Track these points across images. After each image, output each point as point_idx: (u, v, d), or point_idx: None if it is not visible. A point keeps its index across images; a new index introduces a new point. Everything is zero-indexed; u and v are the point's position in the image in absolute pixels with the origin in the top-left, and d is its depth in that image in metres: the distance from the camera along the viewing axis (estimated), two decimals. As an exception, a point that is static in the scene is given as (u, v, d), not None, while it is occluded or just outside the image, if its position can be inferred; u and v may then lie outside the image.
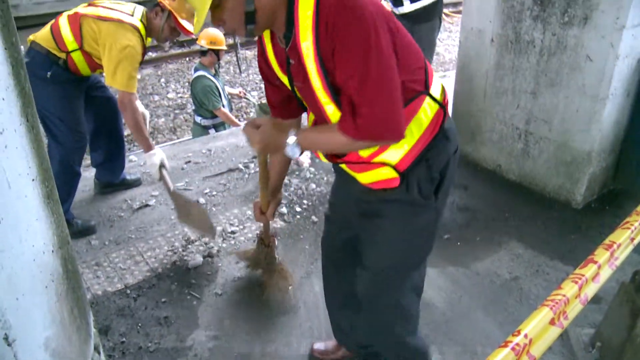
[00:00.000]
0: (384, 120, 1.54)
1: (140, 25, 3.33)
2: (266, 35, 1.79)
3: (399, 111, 1.56)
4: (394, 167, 1.79)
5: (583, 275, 1.68)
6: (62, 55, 3.27)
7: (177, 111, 8.13)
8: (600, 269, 1.75)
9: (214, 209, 3.84)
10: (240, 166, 4.39)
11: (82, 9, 3.33)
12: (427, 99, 1.76)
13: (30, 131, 1.63)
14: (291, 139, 1.67)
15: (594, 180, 3.70)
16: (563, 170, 3.73)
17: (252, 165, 4.39)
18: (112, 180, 4.05)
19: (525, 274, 3.15)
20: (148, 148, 3.38)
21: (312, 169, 4.25)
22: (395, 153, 1.77)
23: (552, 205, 3.78)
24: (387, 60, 1.51)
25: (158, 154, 3.38)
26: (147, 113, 3.65)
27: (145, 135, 3.39)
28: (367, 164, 1.81)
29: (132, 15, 3.36)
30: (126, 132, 6.90)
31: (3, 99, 1.50)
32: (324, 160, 1.91)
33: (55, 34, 3.26)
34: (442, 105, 1.81)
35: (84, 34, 3.24)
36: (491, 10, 3.86)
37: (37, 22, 10.42)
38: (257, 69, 2.36)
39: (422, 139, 1.79)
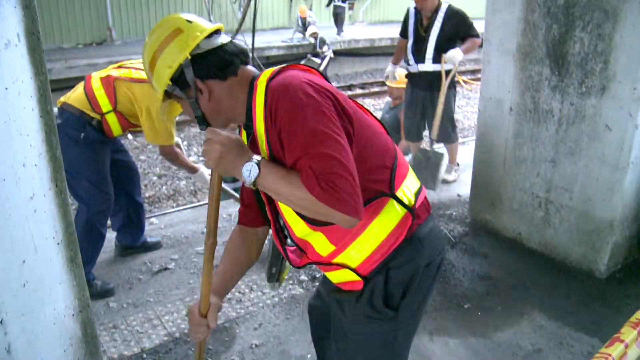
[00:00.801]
0: (340, 187, 1.40)
1: None
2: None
3: (355, 185, 1.44)
4: (355, 270, 1.72)
5: (610, 355, 1.64)
6: (97, 116, 3.40)
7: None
8: (628, 348, 1.71)
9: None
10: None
11: (113, 71, 3.48)
12: (392, 202, 1.67)
13: (58, 196, 1.68)
14: (256, 157, 1.48)
15: (618, 249, 3.65)
16: (585, 239, 3.69)
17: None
18: (133, 244, 4.08)
19: (548, 346, 3.07)
20: (193, 170, 3.82)
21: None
22: (355, 255, 1.70)
23: (575, 275, 3.72)
24: (335, 138, 1.44)
25: (203, 170, 3.83)
26: (179, 140, 3.86)
27: (189, 165, 3.80)
28: (329, 265, 1.75)
29: None
30: (146, 193, 7.01)
31: (35, 165, 1.55)
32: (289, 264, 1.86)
33: (90, 97, 3.40)
34: (412, 210, 1.70)
35: (118, 96, 3.39)
36: (510, 80, 3.93)
37: (68, 84, 10.80)
38: None
39: (385, 245, 1.69)
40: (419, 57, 5.05)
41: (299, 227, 1.71)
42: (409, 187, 1.73)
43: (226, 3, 10.51)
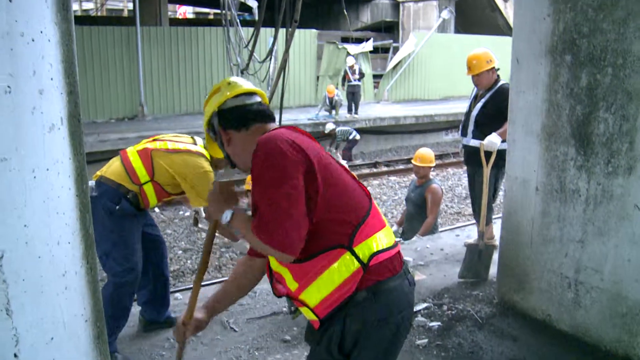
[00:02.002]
0: (274, 227, 1.76)
1: (205, 152, 3.67)
2: None
3: (293, 229, 1.76)
4: (313, 310, 1.94)
5: None
6: (134, 188, 3.53)
7: (223, 249, 8.26)
8: None
9: (256, 353, 3.78)
10: (285, 310, 4.36)
11: (149, 144, 3.66)
12: (348, 254, 1.87)
13: (89, 273, 1.70)
14: (235, 207, 1.99)
15: (653, 334, 3.53)
16: (619, 322, 3.58)
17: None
18: (157, 319, 4.07)
19: None
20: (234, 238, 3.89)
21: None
22: (314, 295, 1.92)
23: (609, 360, 3.59)
24: (288, 191, 1.77)
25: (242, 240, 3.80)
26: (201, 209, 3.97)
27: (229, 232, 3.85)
28: (296, 300, 2.01)
29: (195, 144, 3.72)
30: (171, 267, 7.03)
31: (69, 243, 1.59)
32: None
33: (128, 169, 3.55)
34: (364, 265, 1.87)
35: (155, 167, 3.55)
36: (535, 160, 3.94)
37: (100, 157, 11.16)
38: None
39: (338, 292, 1.88)
40: (464, 131, 5.20)
41: (273, 261, 2.05)
42: (372, 245, 1.91)
43: (254, 81, 10.84)
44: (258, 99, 2.13)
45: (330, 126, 14.31)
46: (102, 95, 15.64)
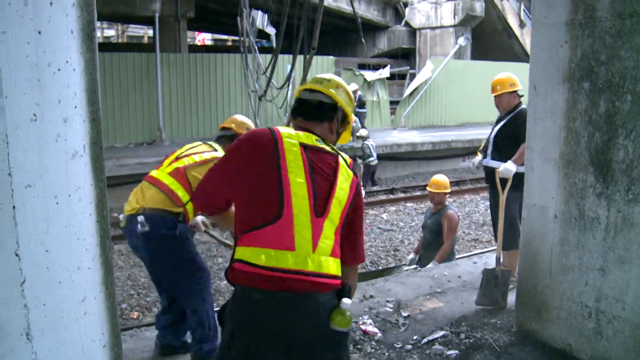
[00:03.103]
0: (198, 186, 2.40)
1: None
2: None
3: (203, 189, 2.36)
4: None
5: None
6: (180, 210, 3.58)
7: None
8: None
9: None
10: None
11: (176, 163, 3.73)
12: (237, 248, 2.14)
13: (107, 298, 1.72)
14: None
15: (677, 365, 3.45)
16: (641, 353, 3.51)
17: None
18: (174, 343, 4.06)
19: None
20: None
21: (373, 345, 4.16)
22: None
23: (632, 392, 3.51)
24: (216, 169, 2.33)
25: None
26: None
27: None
28: None
29: (216, 150, 3.83)
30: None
31: (89, 268, 1.61)
32: None
33: (169, 192, 3.59)
34: (231, 265, 2.11)
35: (191, 182, 3.59)
36: (553, 187, 3.92)
37: (118, 181, 11.27)
38: None
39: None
40: (485, 152, 5.27)
41: None
42: (250, 253, 2.06)
43: (272, 108, 10.95)
44: (317, 97, 2.41)
45: (364, 132, 14.51)
46: (121, 120, 15.85)
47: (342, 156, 2.36)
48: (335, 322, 2.10)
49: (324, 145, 2.32)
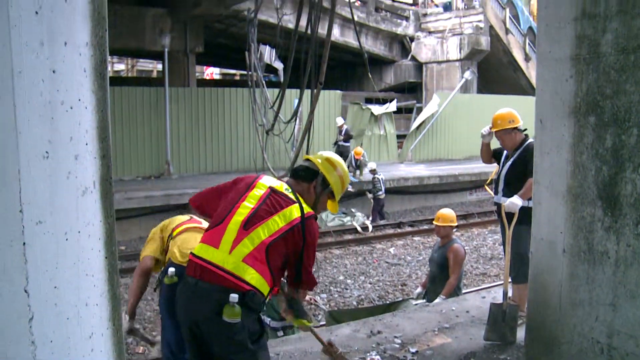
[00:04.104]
0: None
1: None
2: None
3: (201, 196, 3.29)
4: None
5: None
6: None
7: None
8: None
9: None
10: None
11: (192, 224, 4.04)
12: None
13: (115, 334, 1.72)
14: None
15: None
16: (655, 390, 3.44)
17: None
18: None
19: None
20: None
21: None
22: None
23: None
24: (217, 187, 3.21)
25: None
26: None
27: None
28: None
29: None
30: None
31: (96, 305, 1.61)
32: None
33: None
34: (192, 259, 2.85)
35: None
36: (561, 221, 3.90)
37: (126, 215, 11.30)
38: (327, 271, 3.61)
39: None
40: (496, 189, 5.28)
41: None
42: (201, 246, 2.85)
43: (279, 142, 11.02)
44: (305, 164, 3.29)
45: (372, 165, 14.60)
46: (129, 153, 15.98)
47: (300, 205, 2.98)
48: (225, 313, 2.61)
49: (288, 193, 3.02)
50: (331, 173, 3.21)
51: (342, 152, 16.30)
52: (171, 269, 3.67)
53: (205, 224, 3.88)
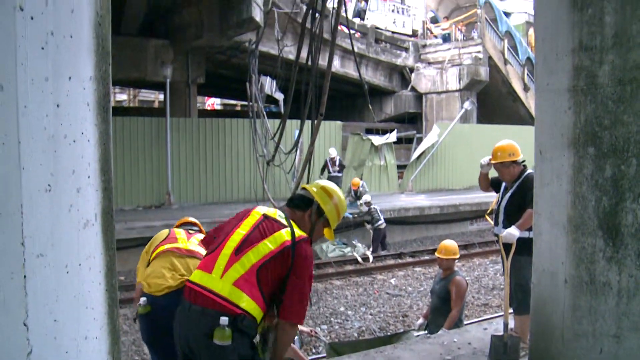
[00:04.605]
0: None
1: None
2: None
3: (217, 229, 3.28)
4: None
5: None
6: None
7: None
8: None
9: None
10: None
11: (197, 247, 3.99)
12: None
13: (114, 369, 1.70)
14: None
15: None
16: None
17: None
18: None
19: None
20: None
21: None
22: None
23: None
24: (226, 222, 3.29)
25: None
26: None
27: None
28: None
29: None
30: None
31: (96, 338, 1.60)
32: None
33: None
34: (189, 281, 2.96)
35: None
36: (562, 252, 3.89)
37: (125, 245, 11.26)
38: (327, 302, 3.78)
39: None
40: (496, 221, 5.26)
41: None
42: (197, 272, 2.96)
43: (280, 173, 11.05)
44: (301, 192, 3.42)
45: (367, 197, 14.59)
46: (130, 183, 15.99)
47: (292, 230, 3.03)
48: (215, 336, 2.66)
49: (281, 219, 3.10)
50: (326, 202, 3.27)
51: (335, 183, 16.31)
52: (143, 299, 3.72)
53: (182, 239, 4.08)
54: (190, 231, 4.21)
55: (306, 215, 3.24)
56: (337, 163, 16.67)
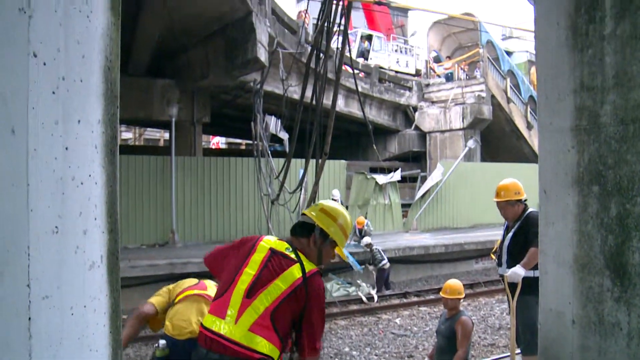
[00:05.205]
0: None
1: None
2: None
3: (211, 255, 3.34)
4: None
5: None
6: None
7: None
8: None
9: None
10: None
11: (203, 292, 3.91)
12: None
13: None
14: None
15: None
16: None
17: None
18: None
19: None
20: None
21: None
22: None
23: None
24: (224, 247, 3.33)
25: None
26: None
27: None
28: None
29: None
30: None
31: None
32: None
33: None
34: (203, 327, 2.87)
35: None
36: (569, 291, 3.85)
37: (129, 283, 11.21)
38: (332, 342, 3.85)
39: None
40: (499, 261, 5.24)
41: None
42: (209, 317, 2.88)
43: (284, 212, 11.06)
44: (302, 219, 3.27)
45: (367, 240, 14.42)
46: (134, 221, 15.98)
47: (301, 264, 2.98)
48: None
49: (289, 253, 3.04)
50: (329, 224, 3.18)
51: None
52: (162, 342, 3.64)
53: (212, 289, 3.87)
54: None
55: (311, 242, 3.16)
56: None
